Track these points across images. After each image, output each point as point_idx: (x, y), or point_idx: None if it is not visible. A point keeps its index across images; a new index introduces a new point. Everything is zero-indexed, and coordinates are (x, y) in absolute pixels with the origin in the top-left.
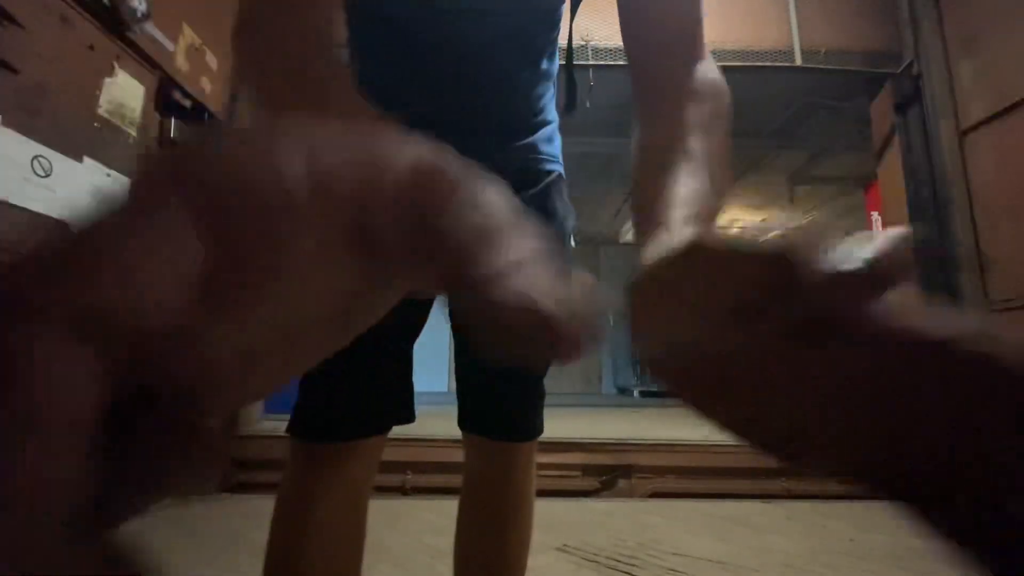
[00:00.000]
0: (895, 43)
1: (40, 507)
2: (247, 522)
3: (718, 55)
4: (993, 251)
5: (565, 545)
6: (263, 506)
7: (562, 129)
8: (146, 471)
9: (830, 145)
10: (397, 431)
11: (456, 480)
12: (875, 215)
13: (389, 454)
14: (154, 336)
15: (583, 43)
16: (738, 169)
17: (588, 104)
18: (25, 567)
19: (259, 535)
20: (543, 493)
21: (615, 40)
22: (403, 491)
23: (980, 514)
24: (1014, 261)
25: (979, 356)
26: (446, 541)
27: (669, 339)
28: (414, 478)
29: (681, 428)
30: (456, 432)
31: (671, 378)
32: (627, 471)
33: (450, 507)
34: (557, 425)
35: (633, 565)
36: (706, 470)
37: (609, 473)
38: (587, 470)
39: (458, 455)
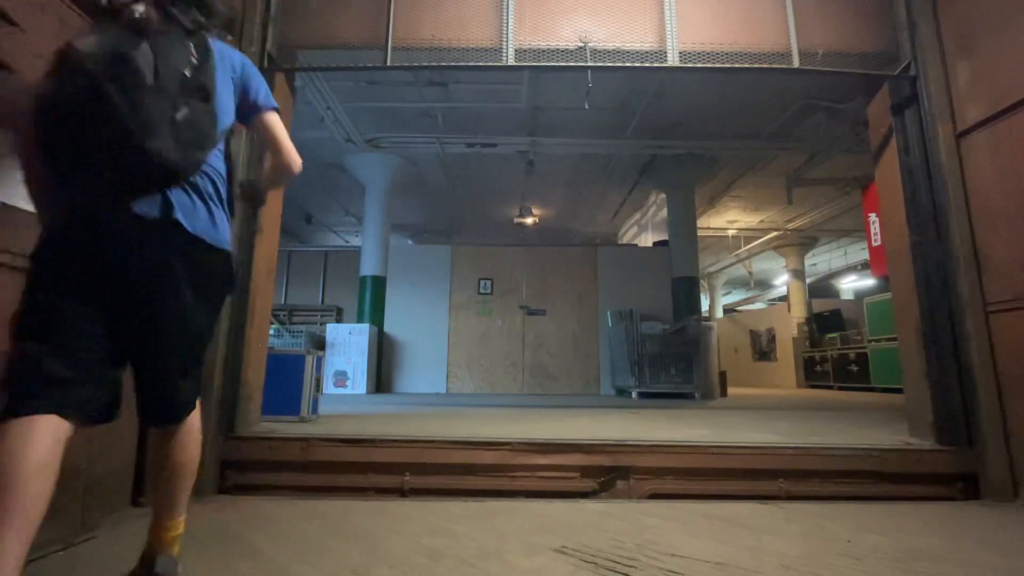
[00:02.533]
0: (892, 45)
1: None
2: (244, 524)
3: (716, 57)
4: (990, 252)
5: (563, 547)
6: (260, 508)
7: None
8: None
9: (828, 147)
10: (396, 432)
11: (455, 481)
12: (872, 216)
13: (388, 455)
14: None
15: (581, 44)
16: (737, 170)
17: (587, 106)
18: None
19: (256, 537)
20: (542, 494)
21: (613, 42)
22: (401, 492)
23: None
24: (1011, 262)
25: None
26: (444, 542)
27: None
28: (412, 479)
29: (680, 429)
30: (455, 433)
31: None
32: (625, 472)
33: (448, 509)
34: (555, 426)
35: (631, 567)
36: (704, 471)
37: (607, 474)
38: (585, 471)
39: (457, 456)
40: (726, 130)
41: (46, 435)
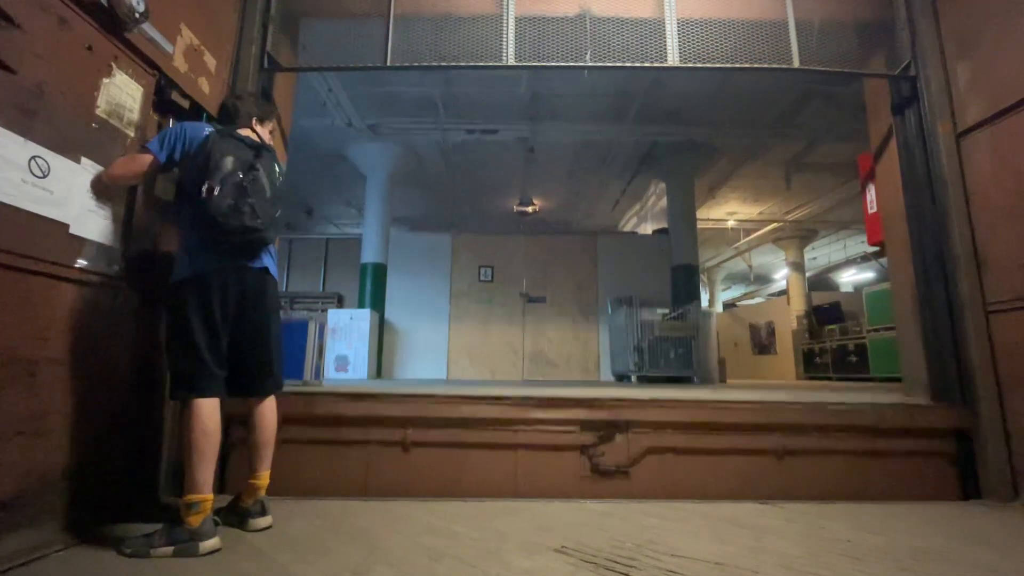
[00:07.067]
0: (887, 13)
1: None
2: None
3: (715, 25)
4: (990, 252)
5: (563, 546)
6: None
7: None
8: None
9: (826, 132)
10: (398, 388)
11: (457, 435)
12: (870, 186)
13: (390, 410)
14: None
15: (581, 12)
16: (736, 159)
17: (587, 74)
18: None
19: (257, 536)
20: (542, 447)
21: (614, 9)
22: (403, 447)
23: None
24: (1011, 262)
25: None
26: (444, 542)
27: None
28: (414, 433)
29: (679, 394)
30: (453, 390)
31: None
32: (625, 426)
33: (448, 508)
34: (554, 392)
35: (631, 567)
36: (704, 425)
37: (607, 428)
38: (585, 425)
39: (458, 410)
40: (725, 117)
41: (217, 407)
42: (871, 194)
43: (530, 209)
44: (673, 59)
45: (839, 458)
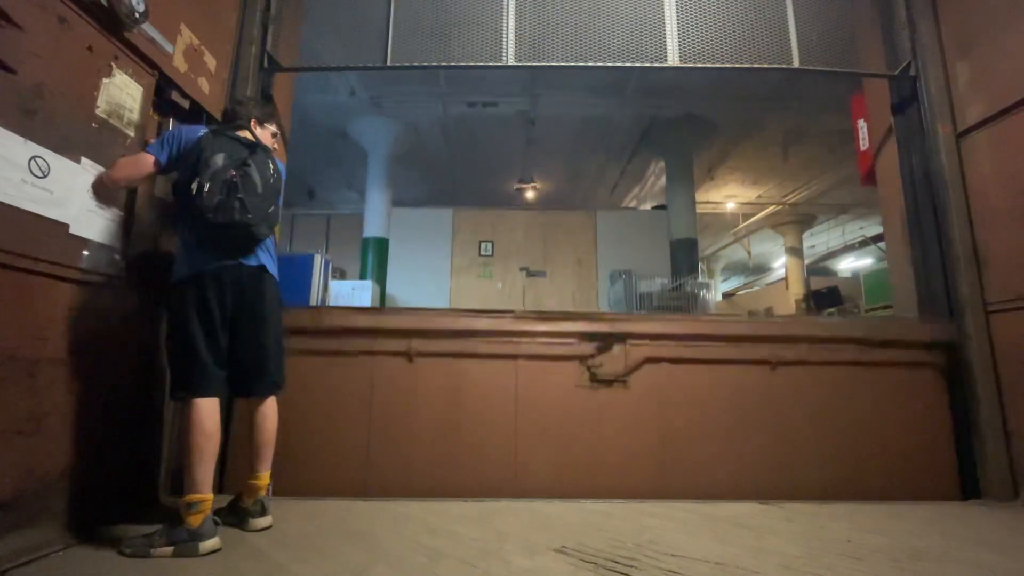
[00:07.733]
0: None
1: None
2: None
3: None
4: (990, 252)
5: (563, 547)
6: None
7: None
8: None
9: (823, 101)
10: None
11: (460, 345)
12: (861, 122)
13: (395, 322)
14: None
15: None
16: (734, 136)
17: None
18: None
19: (256, 536)
20: (542, 357)
21: None
22: (408, 356)
23: None
24: (1011, 262)
25: None
26: (443, 542)
27: None
28: (419, 343)
29: None
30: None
31: None
32: (622, 338)
33: (449, 508)
34: (554, 305)
35: (631, 567)
36: (699, 336)
37: (605, 339)
38: (584, 337)
39: (461, 322)
40: (722, 89)
41: (216, 407)
42: (863, 132)
43: (530, 186)
44: (673, 59)
45: (831, 368)
